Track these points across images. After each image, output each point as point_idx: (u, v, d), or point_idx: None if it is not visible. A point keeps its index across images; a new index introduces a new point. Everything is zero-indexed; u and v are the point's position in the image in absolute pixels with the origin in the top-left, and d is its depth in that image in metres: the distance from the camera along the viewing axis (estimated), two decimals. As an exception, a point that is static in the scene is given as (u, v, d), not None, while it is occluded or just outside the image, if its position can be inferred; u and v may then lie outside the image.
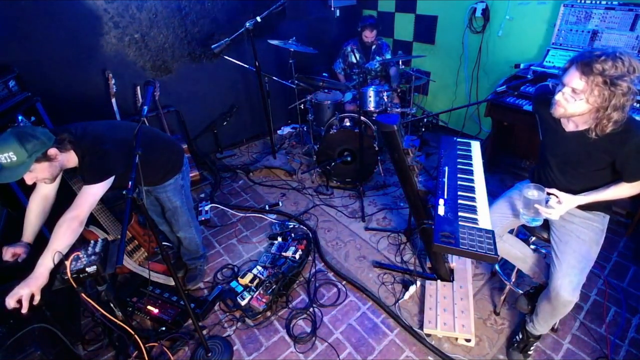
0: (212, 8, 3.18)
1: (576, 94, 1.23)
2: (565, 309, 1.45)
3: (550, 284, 1.47)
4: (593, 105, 1.22)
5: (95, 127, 1.59)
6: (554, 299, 1.44)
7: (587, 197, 1.41)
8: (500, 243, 1.65)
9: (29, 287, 1.32)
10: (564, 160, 1.49)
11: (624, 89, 1.15)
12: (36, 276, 1.34)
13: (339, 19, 4.08)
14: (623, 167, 1.34)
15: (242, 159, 3.75)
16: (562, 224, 1.57)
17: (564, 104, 1.27)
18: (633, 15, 2.29)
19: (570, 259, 1.44)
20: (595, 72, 1.16)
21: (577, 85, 1.21)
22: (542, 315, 1.59)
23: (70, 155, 1.49)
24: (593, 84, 1.18)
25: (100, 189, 1.51)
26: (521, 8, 2.93)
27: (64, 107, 2.60)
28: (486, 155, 2.99)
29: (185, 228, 2.09)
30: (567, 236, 1.52)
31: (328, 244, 2.54)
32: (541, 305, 1.58)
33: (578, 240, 1.49)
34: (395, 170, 1.82)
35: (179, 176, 1.94)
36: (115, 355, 1.82)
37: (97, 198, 1.53)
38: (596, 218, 1.55)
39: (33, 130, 1.36)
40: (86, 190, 1.50)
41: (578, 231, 1.52)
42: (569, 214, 1.57)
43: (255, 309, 2.01)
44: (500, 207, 1.72)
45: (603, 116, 1.22)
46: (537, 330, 1.67)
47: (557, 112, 1.32)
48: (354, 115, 2.96)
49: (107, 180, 1.52)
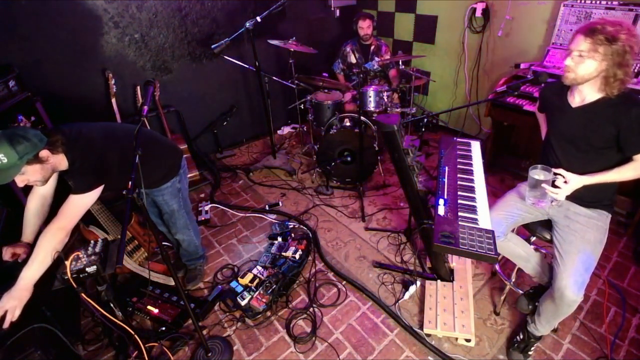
0: (212, 8, 3.18)
1: (582, 56, 1.33)
2: (570, 308, 1.45)
3: (554, 284, 1.47)
4: (600, 65, 1.32)
5: (90, 131, 1.53)
6: (559, 299, 1.44)
7: (593, 178, 1.42)
8: (505, 242, 1.66)
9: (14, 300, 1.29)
10: (570, 139, 1.51)
11: (625, 44, 1.27)
12: (21, 289, 1.31)
13: (339, 19, 4.09)
14: (626, 138, 1.37)
15: (242, 159, 3.75)
16: (567, 224, 1.57)
17: (574, 67, 1.36)
18: (633, 15, 2.29)
19: (575, 259, 1.44)
20: (597, 33, 1.28)
21: (582, 47, 1.32)
22: (544, 315, 1.59)
23: (62, 158, 1.44)
24: (596, 43, 1.29)
25: (89, 198, 1.47)
26: (521, 8, 2.93)
27: (64, 107, 2.61)
28: (486, 155, 2.99)
29: (183, 230, 2.08)
30: (572, 236, 1.52)
31: (328, 244, 2.54)
32: (544, 305, 1.58)
33: (583, 240, 1.49)
34: (395, 170, 1.81)
35: (175, 179, 1.91)
36: (115, 355, 1.82)
37: (86, 208, 1.49)
38: (600, 217, 1.55)
39: (24, 132, 1.31)
40: (74, 200, 1.45)
41: (583, 231, 1.52)
42: (574, 213, 1.57)
43: (255, 309, 2.01)
44: (504, 206, 1.72)
45: (609, 75, 1.32)
46: (539, 331, 1.67)
47: (568, 78, 1.40)
48: (354, 115, 2.96)
49: (95, 190, 1.47)
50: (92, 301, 1.41)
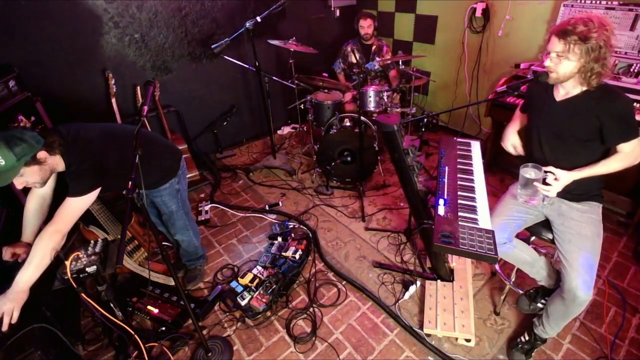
0: (212, 8, 3.18)
1: (559, 57, 1.38)
2: (580, 308, 1.44)
3: (563, 285, 1.45)
4: (578, 63, 1.36)
5: (88, 132, 1.53)
6: (570, 300, 1.43)
7: (582, 172, 1.44)
8: (510, 248, 1.63)
9: (11, 302, 1.28)
10: (556, 133, 1.53)
11: (598, 40, 1.30)
12: (16, 293, 1.31)
13: (339, 19, 4.09)
14: (609, 130, 1.40)
15: (242, 159, 3.75)
16: (561, 222, 1.57)
17: (554, 67, 1.41)
18: (633, 15, 2.29)
19: (579, 258, 1.44)
20: (569, 33, 1.32)
21: (558, 48, 1.36)
22: (554, 317, 1.58)
23: (60, 160, 1.44)
24: (570, 43, 1.33)
25: (85, 201, 1.47)
26: (521, 8, 2.93)
27: (64, 107, 2.61)
28: (486, 155, 2.99)
29: (182, 231, 2.08)
30: (569, 234, 1.52)
31: (328, 244, 2.54)
32: (553, 307, 1.57)
33: (580, 237, 1.49)
34: (395, 170, 1.81)
35: (174, 180, 1.91)
36: (115, 355, 1.82)
37: (82, 211, 1.48)
38: (591, 209, 1.56)
39: (21, 134, 1.31)
40: (70, 203, 1.44)
41: (579, 227, 1.52)
42: (567, 209, 1.58)
43: (255, 309, 2.01)
44: (504, 211, 1.70)
45: (587, 70, 1.36)
46: (547, 334, 1.66)
47: (552, 78, 1.44)
48: (354, 115, 2.96)
49: (92, 193, 1.47)
50: (92, 301, 1.41)
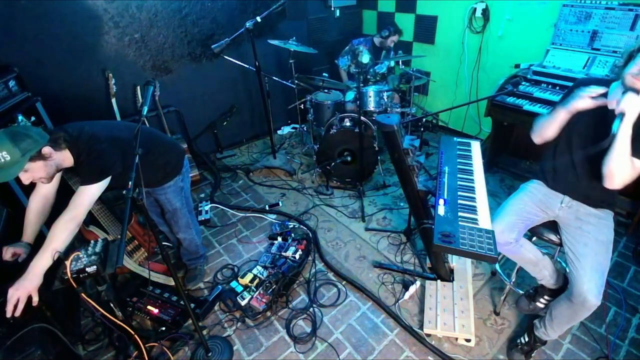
0: (212, 8, 3.18)
1: None
2: (588, 312, 1.42)
3: (573, 288, 1.43)
4: None
5: (92, 127, 1.57)
6: (580, 304, 1.41)
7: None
8: (517, 247, 1.61)
9: (25, 288, 1.30)
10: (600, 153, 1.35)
11: None
12: (31, 277, 1.33)
13: (339, 19, 4.09)
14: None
15: (242, 159, 3.75)
16: (578, 225, 1.55)
17: None
18: (633, 15, 2.29)
19: (593, 262, 1.42)
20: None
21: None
22: (558, 320, 1.57)
23: (66, 155, 1.47)
24: None
25: (97, 189, 1.50)
26: (521, 8, 2.93)
27: (64, 107, 2.60)
28: (486, 155, 2.99)
29: (185, 230, 2.09)
30: (585, 237, 1.50)
31: (328, 244, 2.54)
32: (558, 310, 1.55)
33: (597, 242, 1.48)
34: (395, 170, 1.82)
35: (178, 178, 1.93)
36: (115, 355, 1.82)
37: (94, 198, 1.52)
38: (607, 217, 1.55)
39: (26, 130, 1.36)
40: (83, 191, 1.48)
41: (595, 232, 1.50)
42: (585, 214, 1.56)
43: (255, 309, 2.01)
44: (512, 211, 1.67)
45: None
46: (548, 336, 1.65)
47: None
48: (354, 115, 2.96)
49: (103, 181, 1.51)
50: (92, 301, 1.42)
